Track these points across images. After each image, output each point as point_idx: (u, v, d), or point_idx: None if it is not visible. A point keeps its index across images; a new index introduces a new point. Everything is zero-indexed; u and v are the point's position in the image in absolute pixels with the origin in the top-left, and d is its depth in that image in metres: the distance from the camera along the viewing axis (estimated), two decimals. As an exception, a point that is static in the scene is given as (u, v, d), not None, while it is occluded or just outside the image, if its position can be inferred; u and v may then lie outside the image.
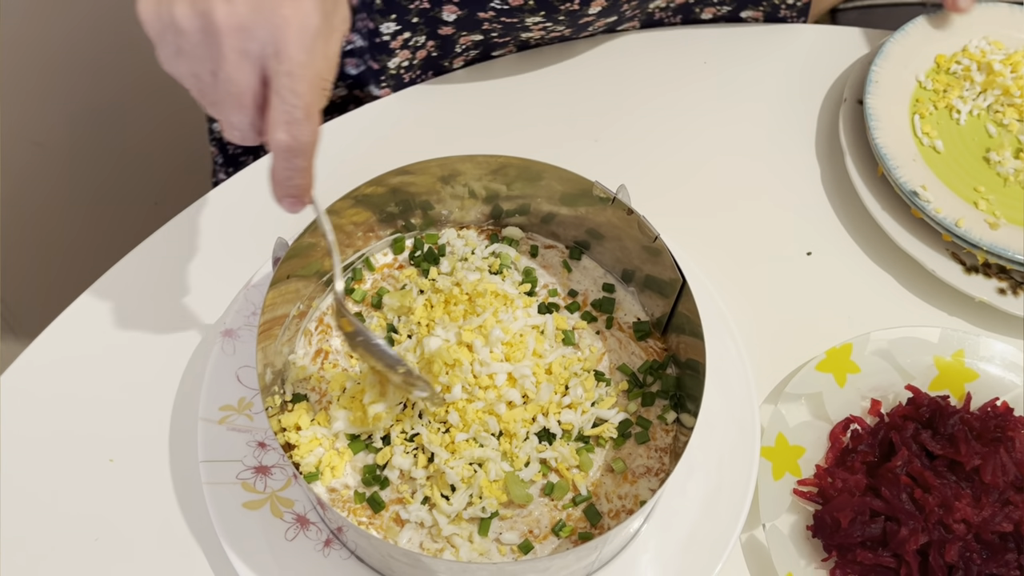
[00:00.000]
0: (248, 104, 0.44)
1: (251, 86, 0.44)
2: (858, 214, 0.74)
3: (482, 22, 0.72)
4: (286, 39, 0.43)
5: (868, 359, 0.65)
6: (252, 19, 0.42)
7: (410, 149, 0.71)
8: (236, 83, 0.44)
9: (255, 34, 0.43)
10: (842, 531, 0.58)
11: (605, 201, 0.60)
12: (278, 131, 0.44)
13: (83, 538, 0.59)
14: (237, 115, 0.45)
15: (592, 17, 0.73)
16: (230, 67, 0.43)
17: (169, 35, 0.44)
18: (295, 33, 0.43)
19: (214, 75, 0.44)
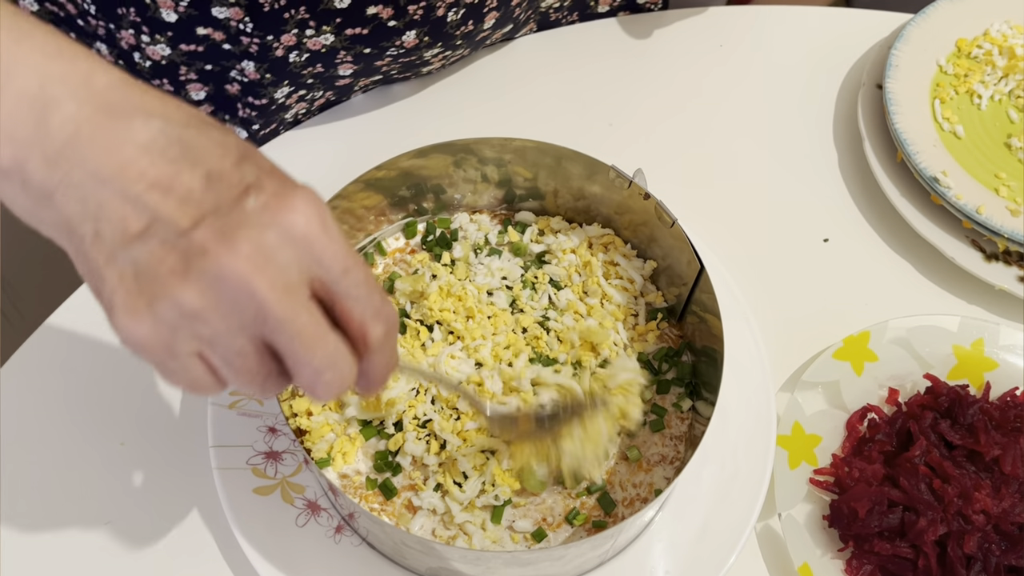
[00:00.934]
0: (326, 331, 0.35)
1: (315, 313, 0.35)
2: (876, 200, 0.73)
3: (380, 68, 0.70)
4: (318, 243, 0.35)
5: (886, 347, 0.64)
6: (269, 247, 0.34)
7: (421, 133, 0.70)
8: (300, 319, 0.34)
9: (283, 259, 0.34)
10: (859, 521, 0.57)
11: (621, 185, 0.60)
12: (374, 332, 0.36)
13: (94, 521, 0.59)
14: (322, 352, 0.35)
15: (488, 31, 0.72)
16: (282, 308, 0.34)
17: (184, 334, 0.34)
18: (319, 231, 0.35)
19: (266, 331, 0.34)
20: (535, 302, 0.62)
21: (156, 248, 0.33)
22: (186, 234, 0.33)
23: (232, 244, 0.33)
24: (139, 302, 0.33)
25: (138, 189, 0.33)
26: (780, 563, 0.59)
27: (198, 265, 0.33)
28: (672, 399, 0.60)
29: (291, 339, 0.34)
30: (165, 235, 0.33)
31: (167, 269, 0.33)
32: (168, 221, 0.33)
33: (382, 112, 0.76)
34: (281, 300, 0.34)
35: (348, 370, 0.36)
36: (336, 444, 0.56)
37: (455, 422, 0.56)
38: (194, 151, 0.35)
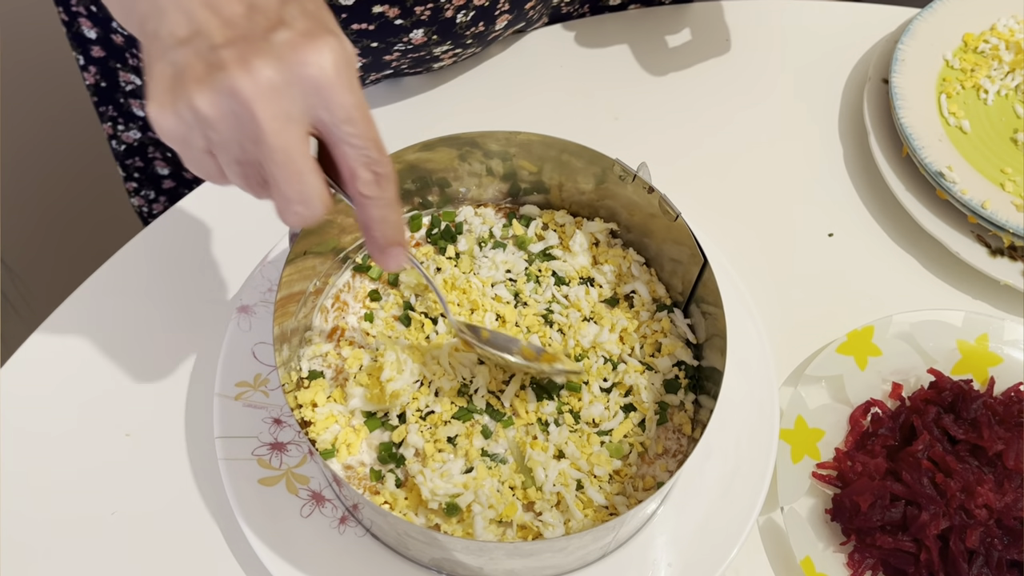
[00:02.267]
0: (307, 170, 0.39)
1: (303, 151, 0.39)
2: (882, 195, 0.73)
3: (389, 63, 0.71)
4: (328, 87, 0.38)
5: (890, 342, 0.64)
6: (281, 78, 0.38)
7: (426, 126, 0.70)
8: (287, 151, 0.38)
9: (291, 93, 0.38)
10: (861, 515, 0.57)
11: (626, 179, 0.60)
12: (362, 177, 0.40)
13: (100, 512, 0.59)
14: (296, 186, 0.39)
15: (500, 31, 0.72)
16: (274, 138, 0.38)
17: (197, 133, 0.39)
18: (332, 76, 0.38)
19: (258, 150, 0.39)
20: (539, 295, 0.62)
21: (191, 56, 0.38)
22: (216, 50, 0.38)
23: (248, 67, 0.37)
24: (166, 97, 0.39)
25: (193, 4, 0.38)
26: (782, 556, 0.59)
27: (216, 78, 0.37)
28: (675, 393, 0.60)
29: (274, 167, 0.39)
30: (200, 47, 0.38)
31: (193, 75, 0.38)
32: (207, 36, 0.38)
33: (390, 106, 0.76)
34: (275, 129, 0.38)
35: (318, 208, 0.41)
36: (340, 435, 0.56)
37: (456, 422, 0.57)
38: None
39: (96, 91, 0.82)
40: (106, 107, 0.83)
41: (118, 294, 0.67)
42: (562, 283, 0.63)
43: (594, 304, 0.62)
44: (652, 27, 0.81)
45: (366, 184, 0.41)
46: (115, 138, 0.86)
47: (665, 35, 0.81)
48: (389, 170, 0.41)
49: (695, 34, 0.81)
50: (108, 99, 0.82)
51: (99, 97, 0.83)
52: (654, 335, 0.61)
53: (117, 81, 0.81)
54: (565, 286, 0.63)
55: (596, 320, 0.61)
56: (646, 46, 0.81)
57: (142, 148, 0.86)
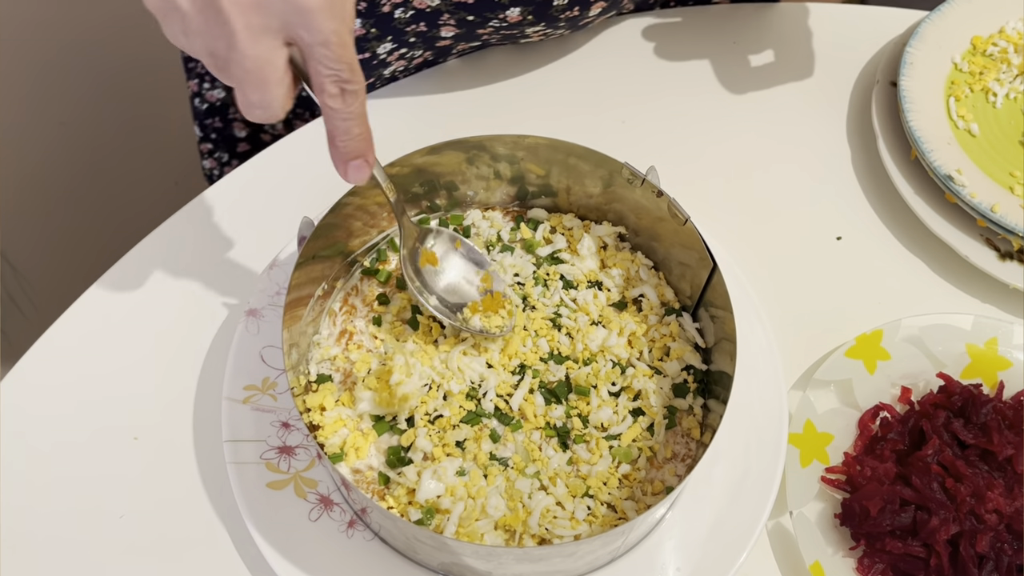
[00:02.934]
0: (273, 80, 0.42)
1: (273, 62, 0.42)
2: (890, 198, 0.73)
3: (481, 35, 0.72)
4: (310, 11, 0.40)
5: (899, 346, 0.64)
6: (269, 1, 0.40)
7: (433, 130, 0.70)
8: (256, 60, 0.41)
9: (272, 10, 0.40)
10: (871, 520, 0.57)
11: (634, 183, 0.60)
12: (328, 91, 0.43)
13: (108, 515, 0.59)
14: (258, 93, 0.43)
15: (593, 17, 0.73)
16: (246, 45, 0.41)
17: (175, 16, 0.42)
18: (321, 3, 0.40)
19: (229, 52, 0.41)
20: (547, 299, 0.62)
21: None
22: None
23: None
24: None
25: None
26: (791, 561, 0.59)
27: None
28: (684, 397, 0.60)
29: (242, 72, 0.42)
30: None
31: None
32: None
33: (399, 110, 0.76)
34: (248, 38, 0.40)
35: (277, 114, 0.44)
36: (349, 439, 0.56)
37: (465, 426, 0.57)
38: None
39: None
40: (195, 63, 0.85)
41: (125, 298, 0.67)
42: (570, 287, 0.63)
43: (602, 308, 0.62)
44: (659, 31, 0.81)
45: (332, 97, 0.43)
46: (199, 96, 0.87)
47: (672, 38, 0.81)
48: (357, 87, 0.43)
49: (702, 37, 0.81)
50: None
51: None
52: (663, 339, 0.61)
53: None
54: (573, 290, 0.63)
55: (604, 324, 0.61)
56: (653, 50, 0.80)
57: (223, 108, 0.87)
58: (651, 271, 0.64)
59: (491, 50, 0.79)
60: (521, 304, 0.61)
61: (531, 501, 0.54)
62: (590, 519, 0.55)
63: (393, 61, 0.74)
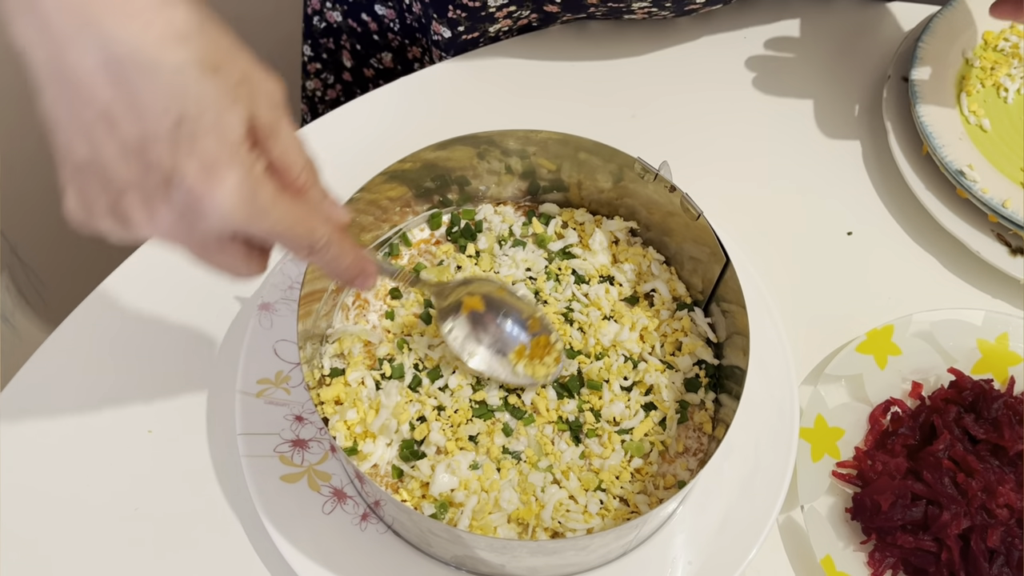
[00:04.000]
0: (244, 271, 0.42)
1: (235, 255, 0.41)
2: (901, 193, 0.73)
3: (587, 7, 0.72)
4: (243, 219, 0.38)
5: (910, 341, 0.64)
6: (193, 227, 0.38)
7: (445, 124, 0.70)
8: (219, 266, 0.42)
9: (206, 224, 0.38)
10: (882, 514, 0.57)
11: (647, 177, 0.60)
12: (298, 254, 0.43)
13: (123, 507, 0.60)
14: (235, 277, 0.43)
15: (699, 5, 0.73)
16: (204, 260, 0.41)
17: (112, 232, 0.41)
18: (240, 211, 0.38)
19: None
20: (559, 294, 0.62)
21: (93, 184, 0.38)
22: (117, 191, 0.38)
23: (154, 218, 0.38)
24: (80, 212, 0.39)
25: (88, 116, 0.36)
26: (802, 555, 0.59)
27: (121, 219, 0.38)
28: (696, 392, 0.60)
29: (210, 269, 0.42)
30: (102, 178, 0.37)
31: (98, 208, 0.38)
32: (106, 168, 0.37)
33: (408, 106, 0.76)
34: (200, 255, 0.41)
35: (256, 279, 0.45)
36: (361, 435, 0.57)
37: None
38: (138, 98, 0.36)
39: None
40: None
41: (139, 291, 0.67)
42: (582, 281, 0.63)
43: (614, 302, 0.62)
44: (669, 25, 0.81)
45: (306, 258, 0.43)
46: (319, 14, 0.87)
47: (682, 32, 0.81)
48: (326, 240, 0.42)
49: (712, 32, 0.81)
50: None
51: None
52: (674, 334, 0.61)
53: None
54: (585, 284, 0.63)
55: (616, 318, 0.62)
56: (663, 43, 0.80)
57: (338, 32, 0.88)
58: (663, 266, 0.64)
59: (494, 47, 0.79)
60: (565, 348, 0.60)
61: (544, 495, 0.54)
62: (603, 513, 0.55)
63: (501, 18, 0.73)
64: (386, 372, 0.59)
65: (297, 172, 0.42)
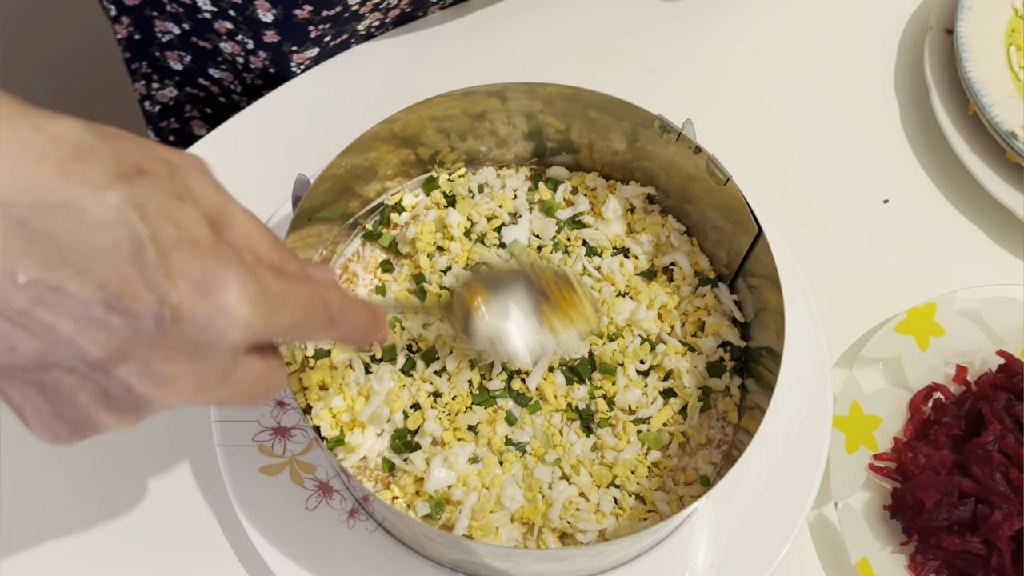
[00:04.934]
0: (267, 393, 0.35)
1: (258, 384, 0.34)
2: (944, 157, 0.67)
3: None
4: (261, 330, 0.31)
5: (954, 320, 0.59)
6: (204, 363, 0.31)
7: (442, 79, 0.64)
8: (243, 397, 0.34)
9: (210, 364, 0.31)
10: (926, 513, 0.52)
11: (668, 139, 0.53)
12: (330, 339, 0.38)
13: (88, 501, 0.54)
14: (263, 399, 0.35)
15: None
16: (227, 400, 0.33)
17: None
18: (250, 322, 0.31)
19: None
20: (568, 267, 0.56)
21: (63, 377, 0.29)
22: (103, 369, 0.29)
23: (161, 379, 0.30)
24: (59, 427, 0.31)
25: (18, 304, 0.27)
26: (835, 557, 0.54)
27: (126, 399, 0.30)
28: (720, 377, 0.54)
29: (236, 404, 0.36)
30: (71, 363, 0.29)
31: (86, 400, 0.30)
32: (69, 347, 0.28)
33: (404, 58, 0.70)
34: (217, 398, 0.32)
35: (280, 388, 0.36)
36: (348, 424, 0.51)
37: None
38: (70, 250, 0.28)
39: (129, 45, 0.74)
40: (139, 63, 0.75)
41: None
42: (594, 253, 0.57)
43: (629, 277, 0.56)
44: (689, -29, 0.74)
45: (322, 336, 0.37)
46: (148, 98, 0.78)
47: (703, -20, 0.74)
48: (340, 306, 0.36)
49: (736, -20, 0.74)
50: (142, 54, 0.75)
51: (132, 53, 0.75)
52: (696, 312, 0.56)
53: (153, 32, 0.73)
54: (597, 257, 0.57)
55: (632, 295, 0.56)
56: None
57: (178, 107, 0.79)
58: (683, 237, 0.58)
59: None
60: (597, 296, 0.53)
61: (552, 492, 0.49)
62: (617, 512, 0.49)
63: (367, 13, 0.66)
64: (376, 354, 0.53)
65: (267, 252, 0.34)
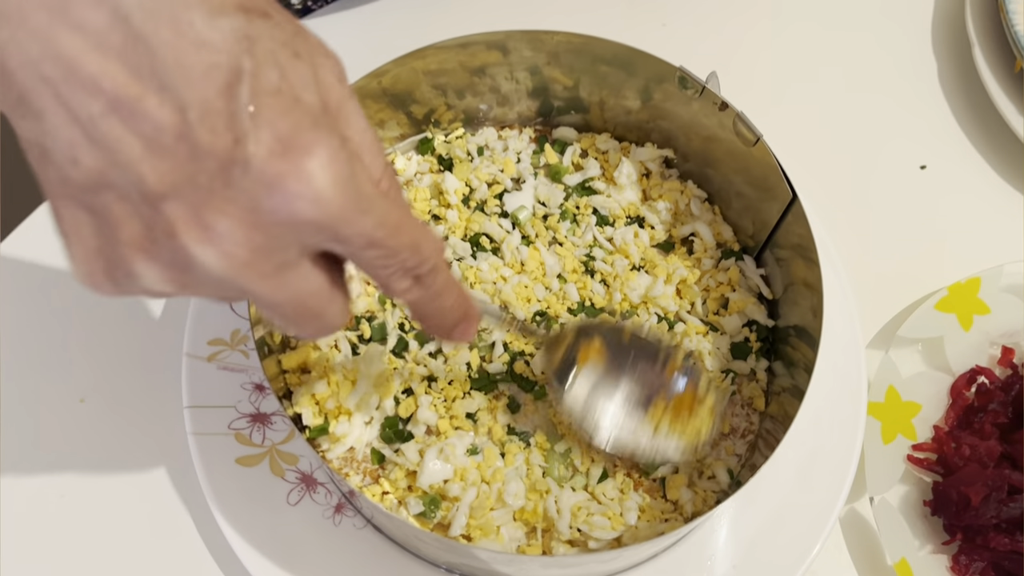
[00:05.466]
0: (322, 311, 0.30)
1: (313, 288, 0.29)
2: (987, 119, 0.63)
3: None
4: (331, 221, 0.27)
5: (999, 297, 0.55)
6: (260, 235, 0.27)
7: (438, 29, 0.58)
8: (292, 302, 0.29)
9: (280, 241, 0.27)
10: (972, 510, 0.47)
11: (690, 93, 0.48)
12: (399, 287, 0.31)
13: (46, 495, 0.50)
14: (314, 325, 0.30)
15: None
16: (272, 296, 0.28)
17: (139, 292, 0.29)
18: (334, 204, 0.27)
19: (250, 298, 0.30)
20: (577, 238, 0.51)
21: (115, 204, 0.27)
22: (153, 203, 0.26)
23: (209, 232, 0.26)
24: (96, 265, 0.28)
25: (93, 109, 0.25)
26: (870, 557, 0.50)
27: (167, 246, 0.27)
28: (745, 359, 0.49)
29: (279, 318, 0.30)
30: (126, 190, 0.26)
31: (128, 238, 0.27)
32: (129, 171, 0.26)
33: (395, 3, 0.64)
34: (269, 289, 0.28)
35: (339, 327, 0.31)
36: (333, 411, 0.46)
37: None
38: (163, 62, 0.25)
39: None
40: None
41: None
42: (605, 223, 0.52)
43: (645, 249, 0.52)
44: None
45: (407, 291, 0.32)
46: None
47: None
48: (432, 264, 0.31)
49: (759, -74, 0.68)
50: None
51: None
52: (719, 288, 0.51)
53: None
54: (609, 227, 0.52)
55: (648, 269, 0.51)
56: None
57: None
58: (705, 204, 0.53)
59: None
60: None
61: (559, 500, 0.44)
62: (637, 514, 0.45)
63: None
64: (364, 333, 0.48)
65: (379, 172, 0.30)
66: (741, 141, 0.47)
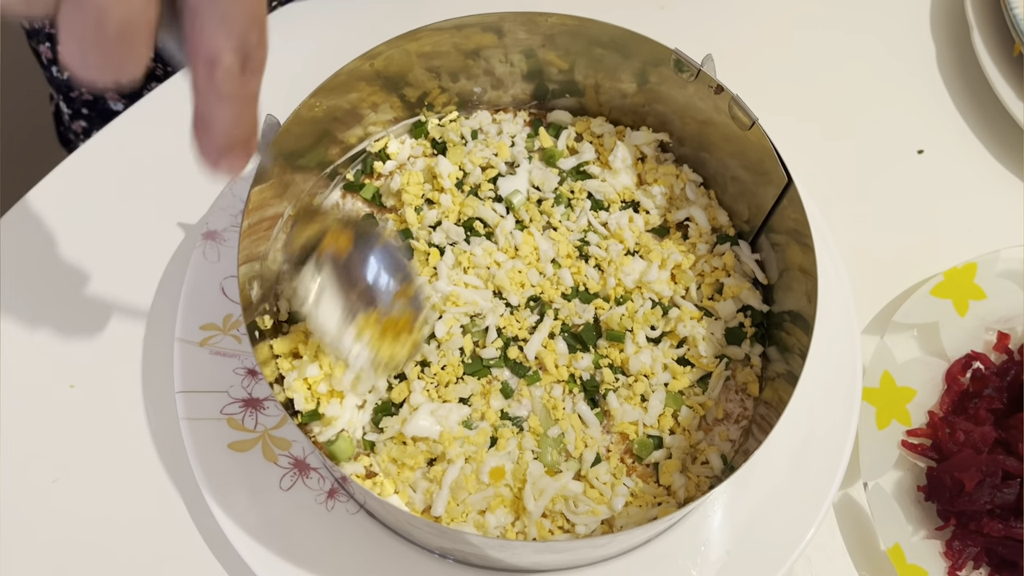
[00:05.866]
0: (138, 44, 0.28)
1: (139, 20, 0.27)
2: (985, 103, 0.63)
3: None
4: None
5: (995, 283, 0.55)
6: None
7: (428, 11, 0.58)
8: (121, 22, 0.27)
9: None
10: (965, 495, 0.47)
11: (686, 77, 0.47)
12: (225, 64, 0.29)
13: (38, 479, 0.49)
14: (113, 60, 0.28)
15: None
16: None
17: None
18: None
19: None
20: (572, 222, 0.51)
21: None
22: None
23: None
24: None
25: None
26: (863, 542, 0.50)
27: None
28: (739, 344, 0.49)
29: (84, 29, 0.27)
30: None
31: None
32: None
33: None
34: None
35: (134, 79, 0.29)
36: (325, 395, 0.46)
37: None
38: None
39: None
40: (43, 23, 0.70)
41: (59, 215, 0.56)
42: (600, 207, 0.52)
43: (639, 234, 0.51)
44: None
45: (226, 74, 0.29)
46: (56, 63, 0.73)
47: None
48: (263, 57, 0.29)
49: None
50: None
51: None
52: (714, 273, 0.50)
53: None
54: (604, 211, 0.52)
55: (642, 254, 0.51)
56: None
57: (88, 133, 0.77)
58: (700, 189, 0.53)
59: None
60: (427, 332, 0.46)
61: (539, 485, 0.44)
62: (628, 500, 0.44)
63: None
64: None
65: None
66: (737, 125, 0.47)
